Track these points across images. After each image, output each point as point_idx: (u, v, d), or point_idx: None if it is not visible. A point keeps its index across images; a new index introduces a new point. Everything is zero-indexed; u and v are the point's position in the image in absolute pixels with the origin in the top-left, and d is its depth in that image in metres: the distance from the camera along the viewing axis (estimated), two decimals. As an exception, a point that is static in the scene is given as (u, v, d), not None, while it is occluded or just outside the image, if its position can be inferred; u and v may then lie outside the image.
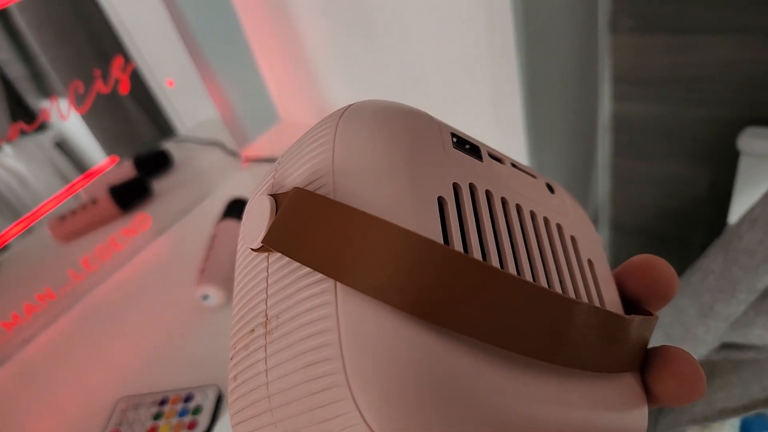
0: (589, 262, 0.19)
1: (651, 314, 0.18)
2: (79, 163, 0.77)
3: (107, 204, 0.81)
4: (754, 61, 0.70)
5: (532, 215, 0.18)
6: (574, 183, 0.93)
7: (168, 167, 0.92)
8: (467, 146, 0.18)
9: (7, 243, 0.64)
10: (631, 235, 1.00)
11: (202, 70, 0.85)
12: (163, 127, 0.97)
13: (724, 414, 0.66)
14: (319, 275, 0.13)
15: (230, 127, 0.92)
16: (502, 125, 0.69)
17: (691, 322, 0.61)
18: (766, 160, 0.68)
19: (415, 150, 0.15)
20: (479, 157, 0.17)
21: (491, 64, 0.63)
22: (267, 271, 0.15)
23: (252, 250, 0.16)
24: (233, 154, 0.91)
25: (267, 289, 0.15)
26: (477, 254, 0.15)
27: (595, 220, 1.03)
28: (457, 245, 0.14)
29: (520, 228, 0.17)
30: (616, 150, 0.92)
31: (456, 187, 0.16)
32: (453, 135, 0.17)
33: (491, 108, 0.68)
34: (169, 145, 0.93)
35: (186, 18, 0.82)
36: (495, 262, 0.15)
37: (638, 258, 0.19)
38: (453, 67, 0.67)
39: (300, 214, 0.14)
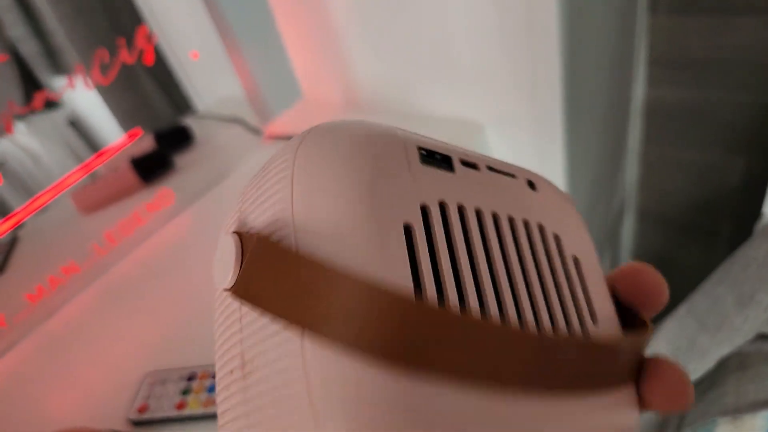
0: (575, 259, 0.19)
1: (645, 323, 0.18)
2: (93, 142, 0.76)
3: (129, 174, 0.81)
4: (800, 45, 0.68)
5: (511, 220, 0.17)
6: (603, 170, 0.90)
7: (189, 143, 0.91)
8: (437, 157, 0.17)
9: (23, 221, 0.63)
10: (657, 224, 0.98)
11: (227, 43, 0.84)
12: (185, 102, 0.95)
13: (755, 406, 0.64)
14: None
15: (253, 103, 0.90)
16: (537, 106, 0.67)
17: (728, 311, 0.60)
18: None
19: (377, 181, 0.15)
20: (451, 168, 0.17)
21: (530, 40, 0.61)
22: (240, 312, 0.15)
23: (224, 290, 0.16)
24: (255, 131, 0.90)
25: (241, 330, 0.15)
26: (449, 282, 0.15)
27: (621, 209, 1.01)
28: (427, 276, 0.14)
29: (497, 239, 0.17)
30: (647, 136, 0.90)
31: (425, 209, 0.15)
32: (420, 148, 0.17)
33: (528, 87, 0.66)
34: (190, 121, 0.92)
35: (212, -11, 0.80)
36: (470, 285, 0.15)
37: (627, 265, 0.20)
38: (488, 42, 0.65)
39: (264, 266, 0.14)
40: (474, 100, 0.73)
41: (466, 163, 0.18)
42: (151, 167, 0.84)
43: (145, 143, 0.89)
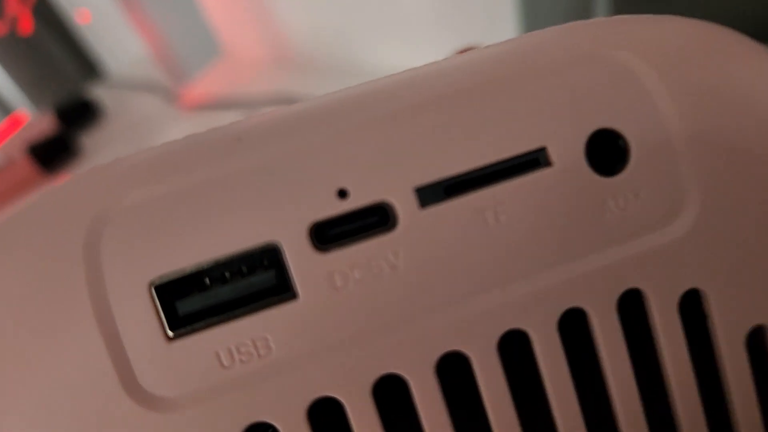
0: (756, 333, 0.10)
1: None
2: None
3: (26, 165, 0.69)
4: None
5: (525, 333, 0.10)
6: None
7: (96, 119, 0.78)
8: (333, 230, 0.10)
9: None
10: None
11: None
12: (88, 72, 0.82)
13: None
14: None
15: (164, 64, 0.78)
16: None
17: None
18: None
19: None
20: (386, 224, 0.10)
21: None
22: None
23: None
24: (172, 98, 0.78)
25: None
26: None
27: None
28: None
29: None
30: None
31: None
32: (190, 278, 0.09)
33: (483, 26, 0.57)
34: (97, 93, 0.79)
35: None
36: None
37: None
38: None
39: None
40: (420, 49, 0.63)
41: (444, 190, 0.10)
42: (53, 153, 0.72)
43: (44, 124, 0.76)
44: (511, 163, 0.09)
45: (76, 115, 0.78)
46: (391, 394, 0.09)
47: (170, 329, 0.09)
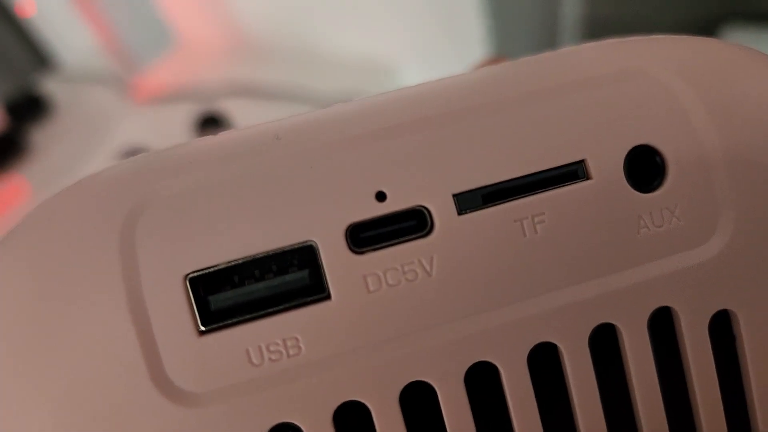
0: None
1: None
2: None
3: None
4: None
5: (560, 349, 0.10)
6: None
7: (45, 113, 0.76)
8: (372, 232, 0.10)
9: None
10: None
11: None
12: (33, 64, 0.79)
13: None
14: None
15: (117, 56, 0.75)
16: (457, 40, 0.58)
17: None
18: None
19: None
20: (424, 229, 0.10)
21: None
22: None
23: None
24: (125, 90, 0.75)
25: None
26: None
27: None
28: None
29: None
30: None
31: None
32: (224, 273, 0.09)
33: (444, 15, 0.57)
34: (46, 86, 0.76)
35: None
36: None
37: None
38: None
39: None
40: (381, 35, 0.62)
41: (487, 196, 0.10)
42: (1, 150, 0.69)
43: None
44: (550, 174, 0.09)
45: (26, 110, 0.75)
46: (417, 399, 0.09)
47: (202, 324, 0.09)
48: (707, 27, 0.69)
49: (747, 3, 0.66)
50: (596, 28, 0.78)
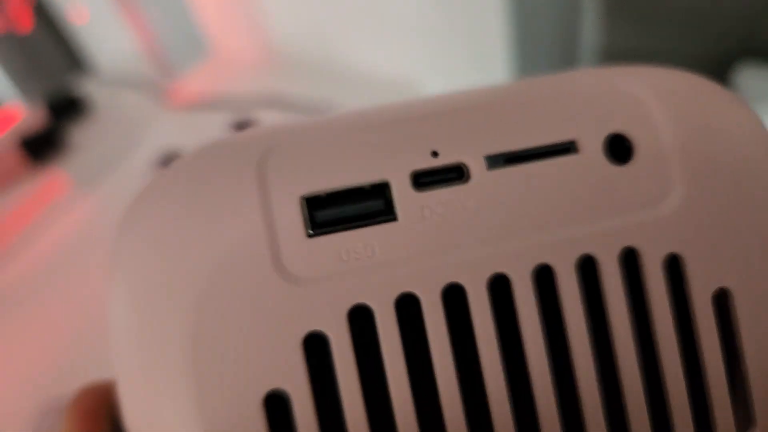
0: (721, 294, 0.13)
1: None
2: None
3: (15, 157, 0.71)
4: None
5: (586, 263, 0.13)
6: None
7: (84, 113, 0.79)
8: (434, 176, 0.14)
9: None
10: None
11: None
12: (78, 67, 0.83)
13: None
14: None
15: (155, 62, 0.79)
16: (480, 57, 0.60)
17: None
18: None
19: (213, 321, 0.12)
20: (461, 177, 0.14)
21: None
22: None
23: None
24: (160, 95, 0.79)
25: None
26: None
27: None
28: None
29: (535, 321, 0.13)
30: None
31: (313, 340, 0.13)
32: (327, 197, 0.13)
33: (467, 35, 0.59)
34: (86, 88, 0.80)
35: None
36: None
37: None
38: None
39: None
40: (407, 53, 0.65)
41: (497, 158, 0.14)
42: (42, 146, 0.73)
43: (34, 118, 0.77)
44: (552, 148, 0.13)
45: (65, 110, 0.79)
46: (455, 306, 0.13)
47: (310, 230, 0.13)
48: (722, 62, 0.71)
49: (762, 41, 0.68)
50: (613, 59, 0.81)
